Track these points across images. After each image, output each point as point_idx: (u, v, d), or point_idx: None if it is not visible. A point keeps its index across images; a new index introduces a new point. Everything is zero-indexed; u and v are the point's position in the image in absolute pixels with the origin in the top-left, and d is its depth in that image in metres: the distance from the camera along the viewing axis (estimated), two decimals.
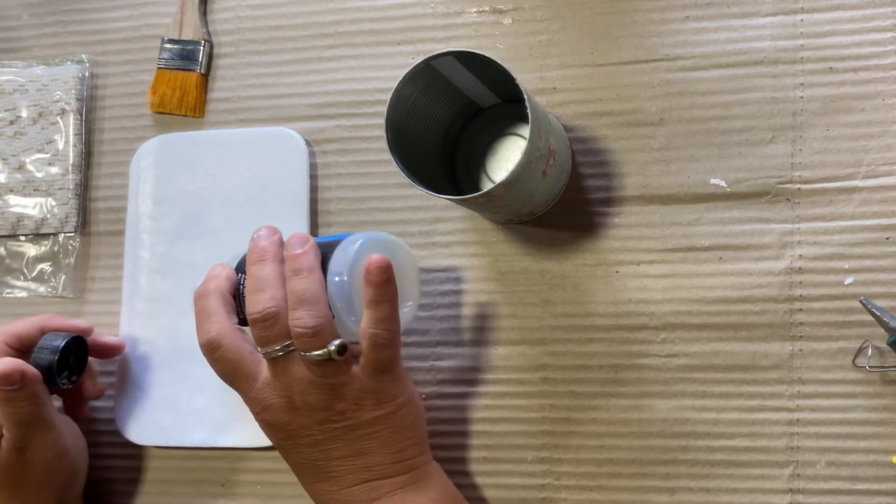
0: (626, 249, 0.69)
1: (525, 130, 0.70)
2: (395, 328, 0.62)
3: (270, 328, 0.61)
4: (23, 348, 0.69)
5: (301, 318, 0.60)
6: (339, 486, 0.63)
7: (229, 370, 0.63)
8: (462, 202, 0.62)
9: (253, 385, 0.62)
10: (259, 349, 0.62)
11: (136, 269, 0.77)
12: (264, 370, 0.62)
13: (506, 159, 0.72)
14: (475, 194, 0.60)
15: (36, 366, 0.67)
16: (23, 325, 0.70)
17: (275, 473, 0.74)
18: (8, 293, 0.81)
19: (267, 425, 0.64)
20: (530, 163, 0.61)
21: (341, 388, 0.62)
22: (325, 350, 0.60)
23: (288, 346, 0.61)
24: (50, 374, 0.68)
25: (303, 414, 0.62)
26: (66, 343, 0.69)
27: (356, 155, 0.75)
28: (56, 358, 0.68)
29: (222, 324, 0.63)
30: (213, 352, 0.63)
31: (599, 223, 0.70)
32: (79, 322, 0.73)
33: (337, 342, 0.60)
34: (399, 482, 0.64)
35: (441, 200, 0.70)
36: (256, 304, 0.61)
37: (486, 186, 0.68)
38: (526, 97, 0.59)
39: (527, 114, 0.59)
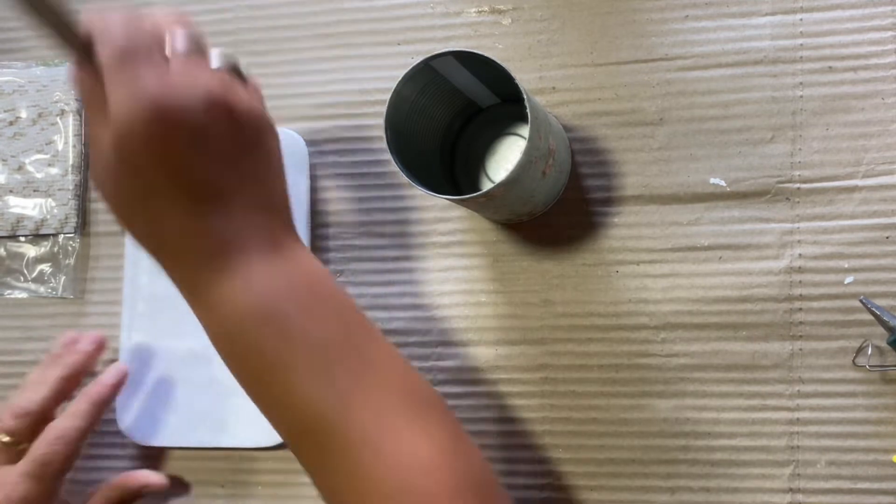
0: (625, 249, 0.69)
1: (524, 130, 0.70)
2: None
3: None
4: None
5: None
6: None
7: None
8: (462, 202, 0.62)
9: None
10: None
11: (137, 269, 0.77)
12: None
13: (505, 159, 0.72)
14: (475, 194, 0.60)
15: None
16: None
17: (275, 474, 0.74)
18: (8, 294, 0.81)
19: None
20: (530, 163, 0.61)
21: None
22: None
23: None
24: None
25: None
26: None
27: (356, 155, 0.75)
28: None
29: None
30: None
31: (599, 223, 0.70)
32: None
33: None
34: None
35: (441, 200, 0.70)
36: None
37: (486, 186, 0.68)
38: (525, 97, 0.59)
39: (526, 114, 0.59)
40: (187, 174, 0.51)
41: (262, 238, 0.53)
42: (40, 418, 0.69)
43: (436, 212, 0.73)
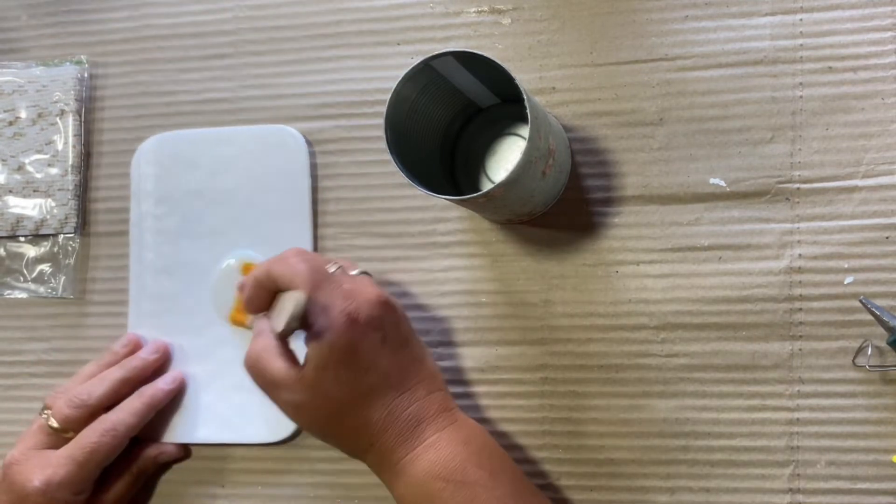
0: (625, 249, 0.69)
1: (524, 130, 0.70)
2: None
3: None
4: None
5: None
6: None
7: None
8: (461, 202, 0.62)
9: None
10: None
11: (142, 269, 0.77)
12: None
13: (505, 159, 0.72)
14: (475, 195, 0.60)
15: None
16: None
17: (275, 475, 0.74)
18: (8, 294, 0.81)
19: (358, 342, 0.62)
20: (530, 163, 0.61)
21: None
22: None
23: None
24: None
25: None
26: None
27: (356, 155, 0.75)
28: None
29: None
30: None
31: (599, 223, 0.70)
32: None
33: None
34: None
35: (441, 200, 0.70)
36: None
37: (486, 187, 0.68)
38: (525, 97, 0.59)
39: (526, 114, 0.59)
40: (381, 368, 0.62)
41: (439, 407, 0.63)
42: (93, 412, 0.71)
43: (436, 212, 0.73)
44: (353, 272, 0.66)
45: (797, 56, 0.67)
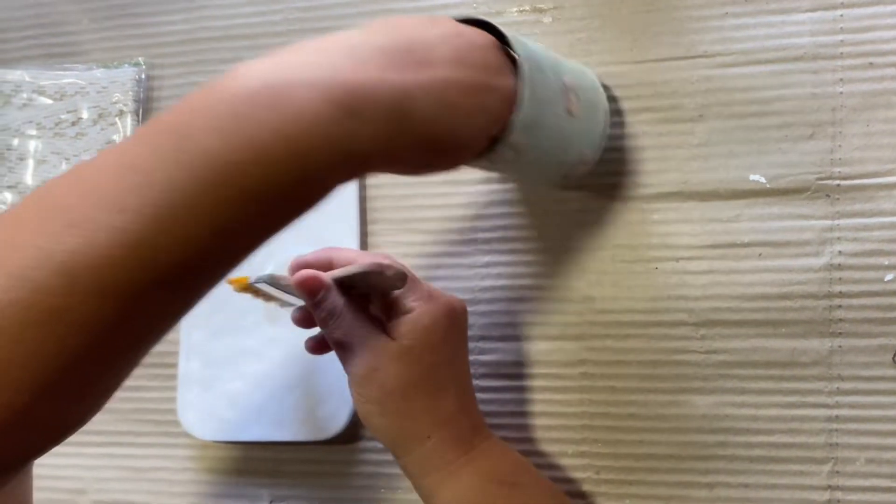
0: (664, 246, 0.70)
1: None
2: None
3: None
4: None
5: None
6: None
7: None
8: (491, 167, 0.61)
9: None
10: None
11: None
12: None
13: None
14: (499, 146, 0.57)
15: None
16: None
17: (319, 464, 0.76)
18: None
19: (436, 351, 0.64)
20: (540, 102, 0.57)
21: None
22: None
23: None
24: None
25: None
26: None
27: None
28: None
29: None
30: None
31: (638, 219, 0.70)
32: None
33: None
34: None
35: (481, 198, 0.71)
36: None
37: None
38: (504, 31, 0.57)
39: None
40: (461, 364, 0.66)
41: (482, 419, 0.67)
42: None
43: (477, 209, 0.74)
44: None
45: (837, 52, 0.67)
